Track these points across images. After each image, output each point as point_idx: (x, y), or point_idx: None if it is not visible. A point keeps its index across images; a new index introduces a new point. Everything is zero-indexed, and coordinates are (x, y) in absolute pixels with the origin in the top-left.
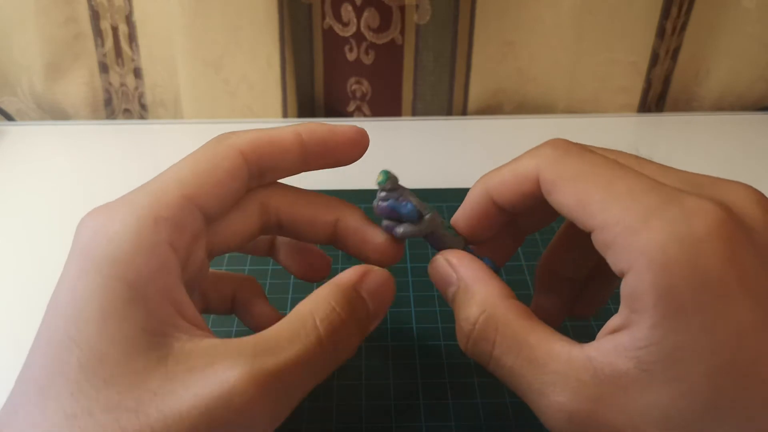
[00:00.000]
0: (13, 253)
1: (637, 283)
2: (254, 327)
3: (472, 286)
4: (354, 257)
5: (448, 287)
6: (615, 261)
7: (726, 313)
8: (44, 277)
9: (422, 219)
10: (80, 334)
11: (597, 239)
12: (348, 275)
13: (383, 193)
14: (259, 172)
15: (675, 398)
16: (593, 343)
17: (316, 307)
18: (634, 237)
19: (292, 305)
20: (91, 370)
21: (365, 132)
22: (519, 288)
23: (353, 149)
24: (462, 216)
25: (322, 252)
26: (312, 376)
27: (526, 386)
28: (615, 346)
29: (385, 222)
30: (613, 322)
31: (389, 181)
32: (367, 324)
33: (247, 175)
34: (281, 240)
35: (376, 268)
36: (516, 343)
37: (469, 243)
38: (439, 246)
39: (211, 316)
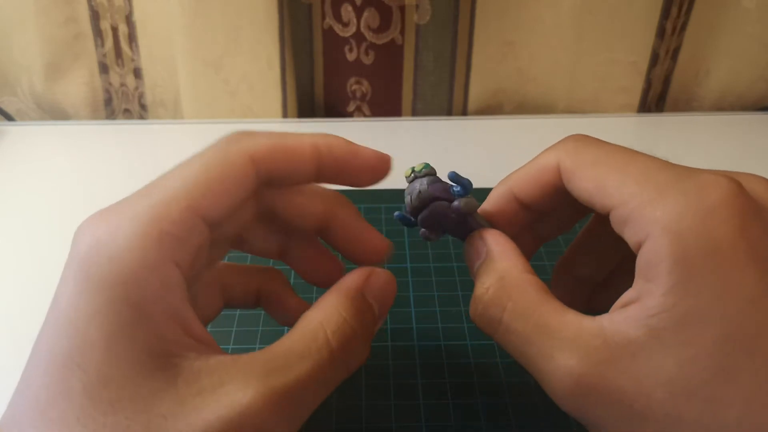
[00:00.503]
0: (13, 254)
1: (652, 250)
2: (283, 321)
3: (496, 258)
4: (341, 253)
5: (476, 261)
6: (632, 234)
7: (736, 281)
8: (44, 278)
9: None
10: (84, 358)
11: (615, 218)
12: (353, 279)
13: (427, 178)
14: (268, 179)
15: (683, 363)
16: (605, 315)
17: (326, 318)
18: (649, 208)
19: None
20: (96, 394)
21: (389, 159)
22: None
23: (371, 175)
24: (484, 213)
25: (336, 257)
26: (324, 388)
27: (534, 351)
28: (626, 317)
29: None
30: (627, 296)
31: (429, 168)
32: (373, 328)
33: (255, 183)
34: (295, 239)
35: (378, 269)
36: (528, 310)
37: None
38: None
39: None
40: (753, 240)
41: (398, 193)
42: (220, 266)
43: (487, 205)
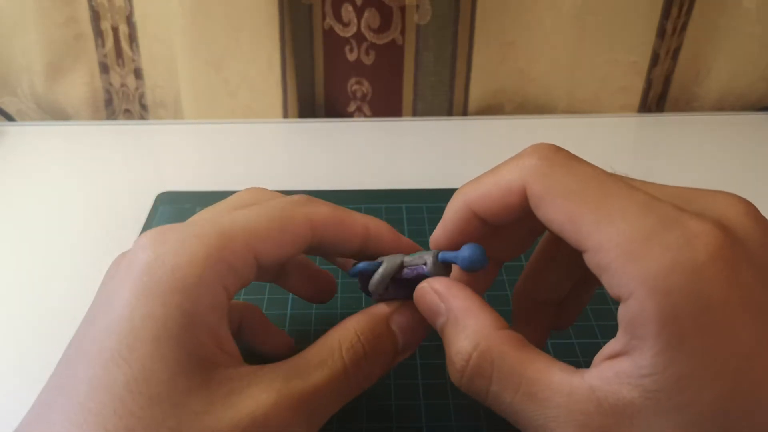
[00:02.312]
0: (14, 254)
1: (638, 310)
2: (263, 350)
3: (463, 319)
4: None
5: (436, 318)
6: (612, 285)
7: (730, 336)
8: (44, 278)
9: (378, 267)
10: (132, 353)
11: (590, 260)
12: (382, 306)
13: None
14: (319, 245)
15: (683, 426)
16: (593, 371)
17: (343, 336)
18: (633, 263)
19: (291, 321)
20: (137, 388)
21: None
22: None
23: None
24: (443, 233)
25: (329, 273)
26: (340, 398)
27: (527, 422)
28: (617, 373)
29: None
30: (612, 347)
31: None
32: (392, 357)
33: (308, 245)
34: (292, 267)
35: (412, 302)
36: (514, 378)
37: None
38: (417, 279)
39: None
40: (745, 289)
41: (398, 194)
42: None
43: (445, 226)
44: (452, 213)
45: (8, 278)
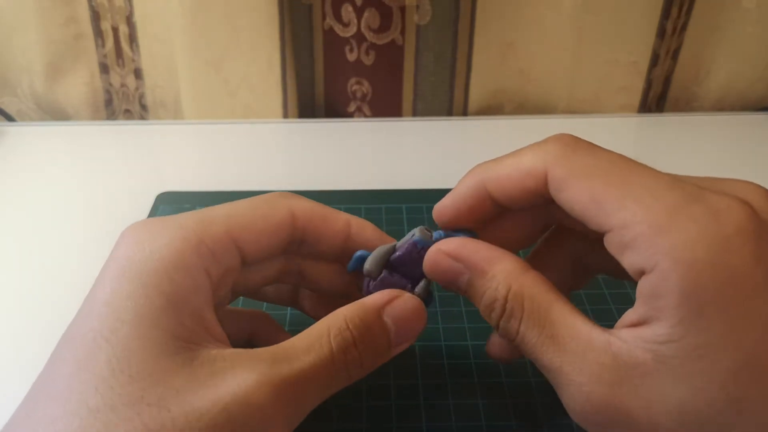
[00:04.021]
0: (14, 254)
1: (660, 282)
2: None
3: (489, 268)
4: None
5: (457, 278)
6: (634, 261)
7: (752, 309)
8: (45, 277)
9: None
10: (113, 334)
11: (613, 239)
12: (375, 297)
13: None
14: (301, 239)
15: (693, 393)
16: (613, 330)
17: (333, 323)
18: (659, 236)
19: (291, 322)
20: (118, 367)
21: None
22: None
23: None
24: (451, 203)
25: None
26: (325, 386)
27: (547, 363)
28: (634, 336)
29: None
30: (629, 317)
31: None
32: (386, 349)
33: (289, 237)
34: (305, 292)
35: (407, 294)
36: (539, 319)
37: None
38: (407, 247)
39: None
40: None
41: (398, 194)
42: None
43: (455, 198)
44: (465, 187)
45: (8, 278)
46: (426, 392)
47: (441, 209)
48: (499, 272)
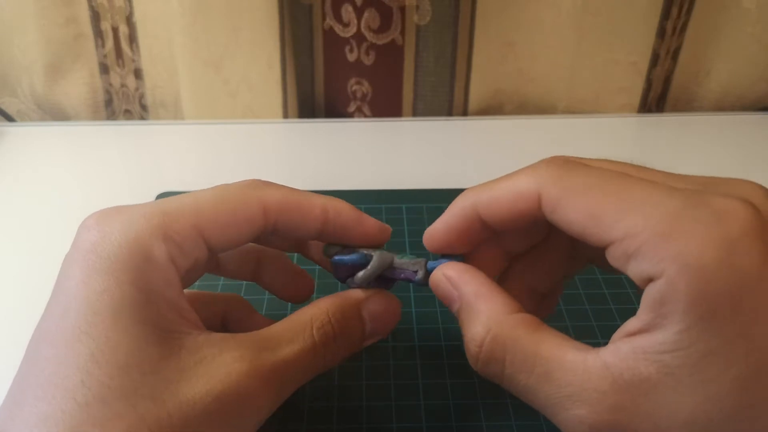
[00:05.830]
0: (14, 254)
1: (667, 287)
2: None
3: (475, 304)
4: (346, 245)
5: (452, 304)
6: (641, 269)
7: (764, 312)
8: (44, 277)
9: (370, 261)
10: (93, 328)
11: (615, 252)
12: (356, 293)
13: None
14: (275, 229)
15: (703, 402)
16: (609, 347)
17: (315, 315)
18: (664, 242)
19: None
20: (103, 358)
21: (389, 230)
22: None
23: (370, 242)
24: (442, 228)
25: (306, 273)
26: (307, 373)
27: (543, 401)
28: (633, 348)
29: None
30: (631, 325)
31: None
32: (359, 342)
33: (261, 229)
34: (266, 262)
35: (386, 293)
36: (527, 360)
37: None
38: (404, 275)
39: None
40: None
41: (398, 194)
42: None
43: (446, 222)
44: (457, 210)
45: (8, 278)
46: (426, 392)
47: (432, 234)
48: (483, 312)
